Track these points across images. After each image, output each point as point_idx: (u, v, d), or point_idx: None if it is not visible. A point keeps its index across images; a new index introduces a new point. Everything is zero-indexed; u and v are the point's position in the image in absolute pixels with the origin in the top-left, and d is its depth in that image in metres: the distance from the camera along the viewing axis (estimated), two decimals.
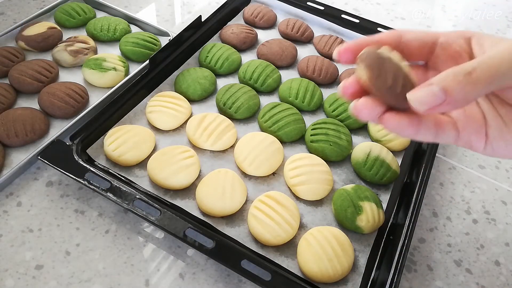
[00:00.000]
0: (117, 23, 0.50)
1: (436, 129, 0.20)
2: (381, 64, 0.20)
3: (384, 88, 0.20)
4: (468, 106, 0.22)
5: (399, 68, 0.20)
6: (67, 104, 0.41)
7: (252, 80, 0.46)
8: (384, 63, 0.20)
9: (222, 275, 0.33)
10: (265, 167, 0.37)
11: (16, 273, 0.32)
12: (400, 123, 0.20)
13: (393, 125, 0.20)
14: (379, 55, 0.20)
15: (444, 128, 0.21)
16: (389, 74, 0.20)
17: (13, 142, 0.38)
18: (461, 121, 0.21)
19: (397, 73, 0.19)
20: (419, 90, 0.19)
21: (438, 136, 0.21)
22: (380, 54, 0.20)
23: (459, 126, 0.21)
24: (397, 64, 0.20)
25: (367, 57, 0.20)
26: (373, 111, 0.20)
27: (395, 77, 0.19)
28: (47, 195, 0.36)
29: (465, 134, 0.21)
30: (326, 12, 0.55)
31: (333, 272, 0.31)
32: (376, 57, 0.20)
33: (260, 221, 0.33)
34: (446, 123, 0.21)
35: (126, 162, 0.37)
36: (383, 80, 0.20)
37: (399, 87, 0.19)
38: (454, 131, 0.21)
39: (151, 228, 0.35)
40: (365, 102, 0.21)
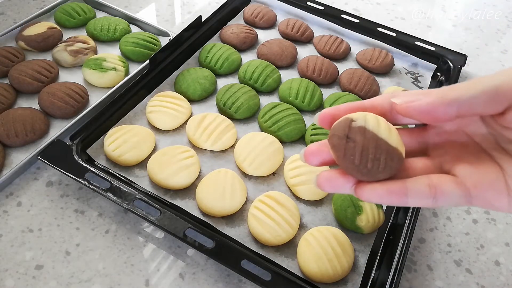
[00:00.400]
0: (117, 23, 0.50)
1: (433, 191, 0.18)
2: (347, 144, 0.19)
3: (352, 167, 0.19)
4: (477, 158, 0.19)
5: (372, 139, 0.19)
6: (67, 104, 0.41)
7: (252, 80, 0.46)
8: (350, 141, 0.19)
9: (222, 275, 0.33)
10: (265, 167, 0.37)
11: (16, 273, 0.32)
12: (379, 194, 0.18)
13: (371, 198, 0.18)
14: (349, 129, 0.19)
15: (442, 188, 0.18)
16: (357, 151, 0.19)
17: (13, 142, 0.38)
18: (471, 177, 0.18)
19: (368, 147, 0.18)
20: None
21: (438, 199, 0.18)
22: (350, 127, 0.19)
23: (469, 183, 0.18)
24: (372, 134, 0.19)
25: (333, 136, 0.20)
26: (340, 186, 0.19)
27: (364, 154, 0.19)
28: (47, 195, 0.36)
29: (479, 191, 0.18)
30: (326, 12, 0.55)
31: (333, 272, 0.31)
32: (342, 134, 0.19)
33: (260, 221, 0.33)
34: (445, 182, 0.18)
35: (126, 162, 0.37)
36: (349, 160, 0.19)
37: (369, 163, 0.18)
38: (459, 190, 0.18)
39: (151, 228, 0.35)
40: (329, 175, 0.19)
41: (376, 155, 0.19)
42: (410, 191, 0.18)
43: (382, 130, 0.19)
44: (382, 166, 0.19)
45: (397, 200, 0.18)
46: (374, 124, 0.19)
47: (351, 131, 0.19)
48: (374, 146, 0.19)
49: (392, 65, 0.50)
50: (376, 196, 0.18)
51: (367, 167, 0.19)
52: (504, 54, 0.58)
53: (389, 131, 0.19)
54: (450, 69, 0.49)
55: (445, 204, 0.18)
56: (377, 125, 0.19)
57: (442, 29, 0.61)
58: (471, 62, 0.55)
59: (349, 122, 0.19)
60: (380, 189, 0.18)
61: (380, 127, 0.19)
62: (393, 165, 0.19)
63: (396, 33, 0.53)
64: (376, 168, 0.19)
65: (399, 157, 0.19)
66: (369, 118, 0.19)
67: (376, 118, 0.20)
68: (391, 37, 0.52)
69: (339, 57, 0.51)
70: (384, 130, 0.19)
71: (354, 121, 0.19)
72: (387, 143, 0.19)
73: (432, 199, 0.18)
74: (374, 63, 0.50)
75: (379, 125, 0.19)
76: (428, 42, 0.51)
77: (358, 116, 0.20)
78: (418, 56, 0.51)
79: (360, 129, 0.19)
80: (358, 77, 0.47)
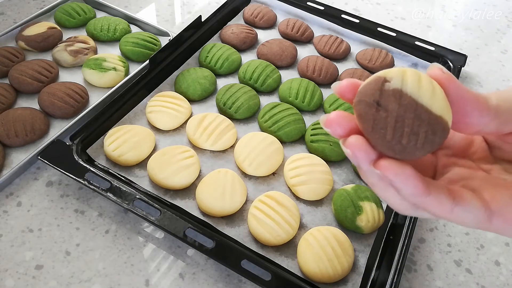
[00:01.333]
0: (117, 23, 0.50)
1: (452, 195, 0.15)
2: (377, 113, 0.15)
3: (382, 143, 0.15)
4: (489, 179, 0.17)
5: (410, 107, 0.15)
6: (67, 104, 0.41)
7: (252, 80, 0.46)
8: (382, 110, 0.15)
9: (222, 275, 0.33)
10: (265, 167, 0.37)
11: (16, 273, 0.31)
12: (404, 173, 0.15)
13: (393, 175, 0.15)
14: (380, 92, 0.15)
15: (462, 195, 0.16)
16: (390, 124, 0.15)
17: (13, 142, 0.38)
18: (488, 191, 0.16)
19: (404, 118, 0.15)
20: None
21: (457, 205, 0.15)
22: (382, 89, 0.15)
23: (487, 195, 0.16)
24: (410, 99, 0.15)
25: (360, 101, 0.16)
26: (367, 155, 0.16)
27: (398, 127, 0.15)
28: (47, 195, 0.36)
29: (499, 205, 0.15)
30: (326, 12, 0.55)
31: (333, 272, 0.31)
32: (371, 100, 0.15)
33: (260, 221, 0.33)
34: (463, 190, 0.16)
35: (126, 162, 0.37)
36: (380, 134, 0.15)
37: (405, 138, 0.15)
38: (479, 201, 0.16)
39: (151, 228, 0.35)
40: (358, 142, 0.16)
41: (414, 128, 0.15)
42: (431, 185, 0.15)
43: (423, 92, 0.15)
44: (421, 142, 0.15)
45: (419, 191, 0.15)
46: (413, 85, 0.15)
47: (383, 96, 0.15)
48: (412, 116, 0.15)
49: (392, 65, 0.50)
50: (400, 175, 0.15)
51: (402, 144, 0.15)
52: (504, 54, 0.58)
53: (432, 93, 0.15)
54: (450, 69, 0.49)
55: (463, 217, 0.15)
56: (417, 85, 0.15)
57: (442, 29, 0.61)
58: (471, 62, 0.55)
59: (381, 83, 0.15)
60: (411, 170, 0.15)
61: (422, 88, 0.15)
62: (436, 139, 0.15)
63: (396, 33, 0.53)
64: (413, 145, 0.15)
65: (443, 128, 0.15)
66: (408, 76, 0.15)
67: (417, 75, 0.15)
68: (391, 37, 0.52)
69: (339, 57, 0.51)
70: (426, 93, 0.15)
71: (388, 81, 0.15)
72: (429, 111, 0.15)
73: (451, 204, 0.15)
74: (374, 63, 0.50)
75: (420, 85, 0.15)
76: (428, 42, 0.51)
77: (393, 75, 0.15)
78: (418, 56, 0.51)
79: (395, 92, 0.15)
80: (358, 77, 0.47)
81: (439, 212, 0.16)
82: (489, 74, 0.55)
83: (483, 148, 0.19)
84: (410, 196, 0.15)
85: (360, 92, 0.16)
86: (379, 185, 0.17)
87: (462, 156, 0.19)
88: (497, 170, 0.18)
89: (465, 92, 0.16)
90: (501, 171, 0.18)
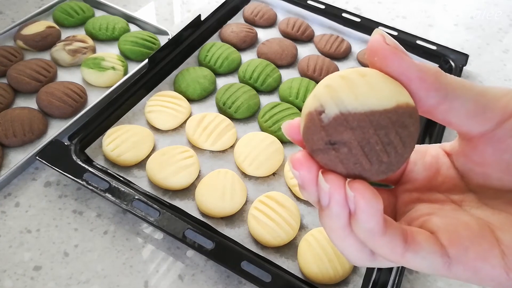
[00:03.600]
0: (116, 22, 0.50)
1: (404, 236, 0.13)
2: (338, 154, 0.13)
3: (366, 174, 0.13)
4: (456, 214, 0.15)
5: (363, 124, 0.13)
6: (66, 104, 0.40)
7: (252, 80, 0.45)
8: (340, 147, 0.13)
9: (222, 277, 0.32)
10: (265, 167, 0.37)
11: (15, 274, 0.31)
12: (376, 204, 0.13)
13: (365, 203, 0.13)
14: (324, 130, 0.13)
15: (416, 240, 0.13)
16: (359, 154, 0.13)
17: (11, 142, 0.37)
18: (447, 230, 0.14)
19: (367, 137, 0.13)
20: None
21: (409, 247, 0.13)
22: (322, 126, 0.13)
23: (444, 238, 0.13)
24: (356, 116, 0.13)
25: (314, 151, 0.14)
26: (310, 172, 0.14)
27: (369, 150, 0.13)
28: (45, 196, 0.36)
29: (458, 249, 0.13)
30: (327, 11, 0.54)
31: (334, 273, 0.30)
32: (322, 144, 0.13)
33: (260, 222, 0.32)
34: (417, 231, 0.14)
35: (125, 162, 0.37)
36: (357, 169, 0.13)
37: (383, 155, 0.13)
38: (436, 248, 0.13)
39: (150, 229, 0.35)
40: (302, 157, 0.14)
41: (384, 140, 0.13)
42: (387, 222, 0.13)
43: (361, 95, 0.13)
44: (400, 146, 0.13)
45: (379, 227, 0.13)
46: (348, 97, 0.13)
47: (329, 132, 0.13)
48: (373, 131, 0.13)
49: None
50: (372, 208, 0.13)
51: (384, 162, 0.13)
52: (506, 54, 0.57)
53: (369, 87, 0.13)
54: (451, 68, 0.49)
55: (416, 263, 0.13)
56: (352, 94, 0.13)
57: (444, 28, 0.60)
58: (473, 61, 0.55)
59: (318, 120, 0.13)
60: (381, 203, 0.13)
61: (357, 92, 0.13)
62: (411, 129, 0.13)
63: (397, 32, 0.52)
64: (395, 154, 0.13)
65: (410, 114, 0.13)
66: (337, 90, 0.13)
67: (344, 79, 0.13)
68: (393, 36, 0.52)
69: (340, 56, 0.51)
70: (363, 94, 0.13)
71: (322, 111, 0.13)
72: (383, 111, 0.13)
73: (402, 248, 0.13)
74: None
75: (354, 90, 0.13)
76: (429, 41, 0.51)
77: (322, 99, 0.13)
78: (419, 55, 0.51)
79: (338, 120, 0.13)
80: None
81: (390, 256, 0.13)
82: (491, 73, 0.54)
83: (452, 176, 0.16)
84: (367, 234, 0.13)
85: (305, 141, 0.14)
86: (338, 231, 0.14)
87: (428, 190, 0.17)
88: (470, 200, 0.16)
89: (410, 68, 0.13)
90: (474, 202, 0.15)
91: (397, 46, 0.14)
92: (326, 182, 0.13)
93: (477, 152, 0.15)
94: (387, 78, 0.13)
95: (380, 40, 0.14)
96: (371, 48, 0.14)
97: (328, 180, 0.13)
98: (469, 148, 0.15)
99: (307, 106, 0.14)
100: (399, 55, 0.13)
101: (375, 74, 0.13)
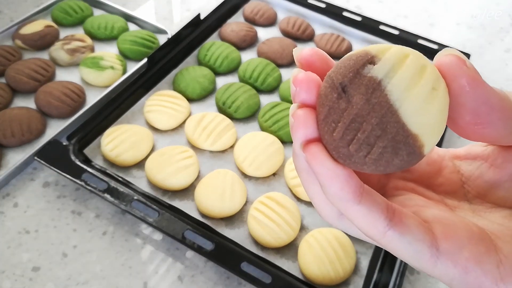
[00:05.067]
0: (114, 21, 0.49)
1: (390, 213, 0.12)
2: (337, 101, 0.12)
3: (328, 139, 0.12)
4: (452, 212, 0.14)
5: (380, 108, 0.11)
6: (64, 104, 0.40)
7: (252, 79, 0.45)
8: (344, 98, 0.12)
9: (222, 278, 0.32)
10: (266, 167, 0.37)
11: (13, 275, 0.31)
12: (332, 168, 0.12)
13: (318, 165, 0.12)
14: (353, 75, 0.12)
15: (404, 221, 0.12)
16: (344, 119, 0.12)
17: (10, 142, 0.37)
18: (441, 223, 0.13)
19: (365, 119, 0.11)
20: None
21: (389, 234, 0.12)
22: (358, 72, 0.12)
23: (438, 230, 0.12)
24: (385, 98, 0.11)
25: (327, 78, 0.12)
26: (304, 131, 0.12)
27: (353, 128, 0.11)
28: (43, 196, 0.36)
29: (454, 249, 0.12)
30: (328, 10, 0.54)
31: (335, 274, 0.30)
32: (338, 82, 0.12)
33: (260, 223, 0.32)
34: (406, 214, 0.13)
35: (123, 163, 0.36)
36: (328, 127, 0.12)
37: (354, 144, 0.12)
38: (426, 235, 0.12)
39: (149, 230, 0.34)
40: (305, 115, 0.12)
41: (370, 138, 0.11)
42: (366, 193, 0.12)
43: (411, 95, 0.11)
44: (372, 157, 0.11)
45: (344, 194, 0.12)
46: (401, 81, 0.11)
47: (354, 81, 0.11)
48: (375, 122, 0.11)
49: None
50: (328, 171, 0.12)
51: (349, 149, 0.12)
52: (508, 53, 0.57)
53: (425, 100, 0.11)
54: None
55: (398, 246, 0.12)
56: (408, 83, 0.11)
57: (445, 28, 0.60)
58: (475, 61, 0.55)
59: (364, 63, 0.12)
60: (341, 167, 0.12)
61: (413, 88, 0.11)
62: (395, 161, 0.12)
63: (399, 31, 0.52)
64: (362, 156, 0.12)
65: (412, 152, 0.11)
66: (404, 64, 0.11)
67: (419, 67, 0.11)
68: (394, 35, 0.52)
69: (340, 55, 0.50)
70: (414, 97, 0.11)
71: (374, 62, 0.11)
72: (401, 124, 0.11)
73: (384, 224, 0.12)
74: None
75: (413, 83, 0.11)
76: (431, 41, 0.51)
77: (387, 56, 0.11)
78: None
79: (370, 82, 0.11)
80: None
81: (367, 230, 0.12)
82: (492, 73, 0.54)
83: (453, 180, 0.15)
84: (334, 199, 0.12)
85: (336, 65, 0.12)
86: (305, 175, 0.13)
87: (425, 185, 0.16)
88: (464, 209, 0.15)
89: (492, 96, 0.12)
90: (469, 212, 0.14)
91: (476, 71, 0.12)
92: (294, 115, 0.12)
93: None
94: (444, 111, 0.12)
95: (458, 64, 0.12)
96: (448, 73, 0.12)
97: (296, 115, 0.12)
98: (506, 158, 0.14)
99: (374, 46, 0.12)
100: (481, 81, 0.12)
101: (443, 98, 0.12)
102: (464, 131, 0.13)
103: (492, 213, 0.14)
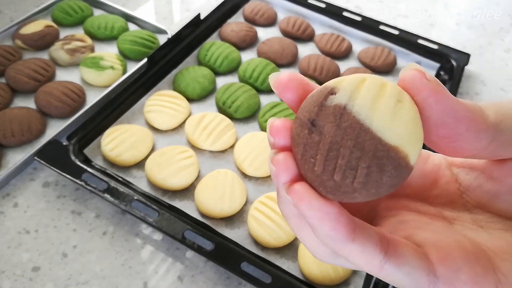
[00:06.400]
0: (114, 21, 0.49)
1: (384, 244, 0.12)
2: (309, 136, 0.12)
3: (311, 177, 0.12)
4: (447, 229, 0.13)
5: (350, 131, 0.11)
6: (64, 104, 0.40)
7: (252, 79, 0.45)
8: (315, 132, 0.12)
9: (222, 278, 0.32)
10: (266, 167, 0.37)
11: (13, 275, 0.31)
12: (322, 208, 0.11)
13: (306, 207, 0.11)
14: (319, 109, 0.12)
15: (400, 252, 0.12)
16: (321, 151, 0.11)
17: (10, 142, 0.37)
18: (435, 246, 0.12)
19: (341, 145, 0.11)
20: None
21: (390, 258, 0.12)
22: (322, 104, 0.12)
23: (434, 255, 0.12)
24: (354, 120, 0.11)
25: (296, 119, 0.12)
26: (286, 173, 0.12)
27: (331, 157, 0.11)
28: (43, 196, 0.36)
29: (450, 274, 0.12)
30: (328, 10, 0.54)
31: (335, 274, 0.30)
32: (306, 118, 0.12)
33: (260, 223, 0.32)
34: (400, 242, 0.12)
35: (123, 163, 0.36)
36: (308, 165, 0.12)
37: (338, 173, 0.11)
38: (422, 264, 0.12)
39: (149, 230, 0.34)
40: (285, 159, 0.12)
41: (352, 161, 0.11)
42: (358, 228, 0.12)
43: (378, 112, 0.11)
44: (359, 181, 0.11)
45: (337, 234, 0.11)
46: (364, 101, 0.11)
47: (321, 113, 0.12)
48: (351, 144, 0.11)
49: (394, 63, 0.50)
50: (318, 212, 0.11)
51: (335, 180, 0.11)
52: (508, 53, 0.57)
53: (392, 113, 0.11)
54: (453, 68, 0.48)
55: (396, 277, 0.12)
56: (371, 102, 0.11)
57: (445, 28, 0.60)
58: (474, 60, 0.55)
59: (325, 96, 0.12)
60: (331, 204, 0.11)
61: (377, 106, 0.11)
62: (384, 179, 0.11)
63: (399, 31, 0.52)
64: (349, 183, 0.11)
65: (397, 165, 0.11)
66: (363, 87, 0.12)
67: (378, 86, 0.12)
68: (394, 35, 0.52)
69: (340, 55, 0.50)
70: (381, 112, 0.11)
71: (334, 93, 0.12)
72: (378, 139, 0.11)
73: (380, 258, 0.12)
74: (377, 61, 0.49)
75: (376, 101, 0.11)
76: (431, 41, 0.51)
77: (344, 85, 0.12)
78: (420, 54, 0.51)
79: (336, 110, 0.11)
80: None
81: (364, 266, 0.12)
82: (492, 73, 0.54)
83: (450, 190, 0.15)
84: (326, 240, 0.12)
85: (302, 105, 0.13)
86: (294, 220, 0.13)
87: (419, 200, 0.15)
88: (464, 220, 0.14)
89: (458, 107, 0.11)
90: (469, 223, 0.14)
91: (439, 83, 0.12)
92: (274, 161, 0.12)
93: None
94: (416, 119, 0.12)
95: (419, 77, 0.12)
96: (410, 87, 0.12)
97: (275, 160, 0.12)
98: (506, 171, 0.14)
99: (332, 80, 0.13)
100: (444, 94, 0.12)
101: (410, 108, 0.12)
102: (438, 146, 0.13)
103: (493, 223, 0.14)
